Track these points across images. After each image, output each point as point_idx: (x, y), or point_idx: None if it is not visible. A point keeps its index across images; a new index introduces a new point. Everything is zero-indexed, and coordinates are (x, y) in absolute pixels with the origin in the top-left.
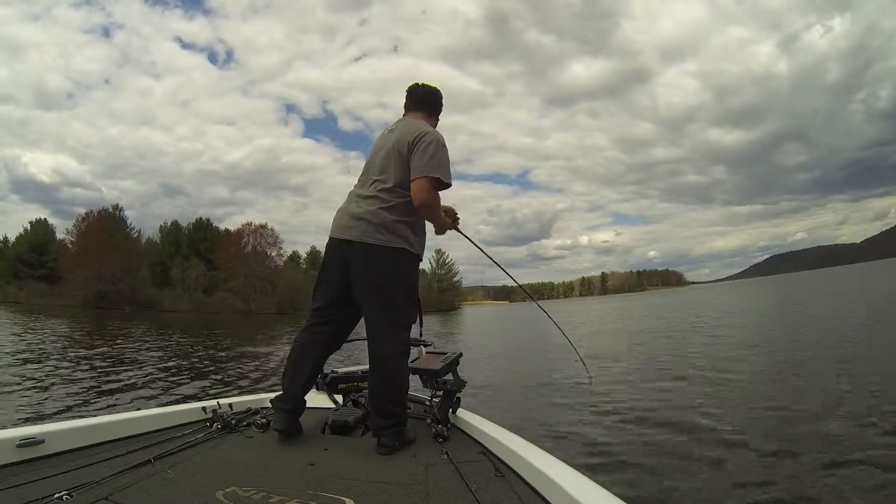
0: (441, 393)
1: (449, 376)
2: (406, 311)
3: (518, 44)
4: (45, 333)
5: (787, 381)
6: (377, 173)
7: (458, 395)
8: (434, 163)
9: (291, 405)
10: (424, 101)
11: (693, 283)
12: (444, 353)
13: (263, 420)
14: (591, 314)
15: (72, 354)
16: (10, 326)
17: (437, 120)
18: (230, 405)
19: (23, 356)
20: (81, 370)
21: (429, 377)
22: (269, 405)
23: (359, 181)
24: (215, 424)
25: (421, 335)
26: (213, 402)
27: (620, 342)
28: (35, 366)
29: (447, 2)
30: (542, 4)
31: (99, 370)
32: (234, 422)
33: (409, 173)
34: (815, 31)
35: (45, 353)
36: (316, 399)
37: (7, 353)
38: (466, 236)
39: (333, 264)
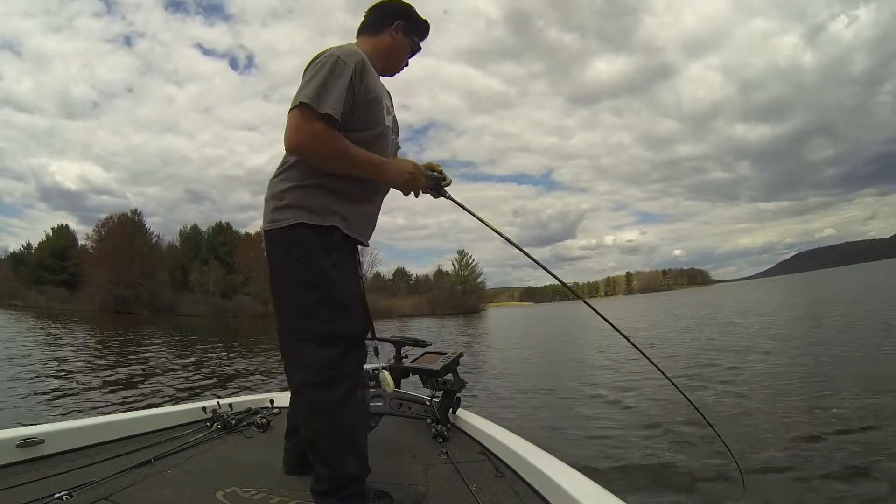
0: (441, 393)
1: (449, 376)
2: (316, 316)
3: (540, 43)
4: (59, 338)
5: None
6: None
7: (458, 395)
8: (308, 85)
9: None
10: (363, 23)
11: (719, 281)
12: (444, 353)
13: (263, 420)
14: (615, 313)
15: (80, 358)
16: (27, 331)
17: (394, 32)
18: (230, 405)
19: (29, 358)
20: (85, 372)
21: (429, 377)
22: (269, 405)
23: None
24: (215, 424)
25: (377, 351)
26: (213, 402)
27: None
28: (39, 367)
29: (469, 2)
30: (564, 2)
31: (103, 372)
32: (234, 422)
33: None
34: (840, 22)
35: (52, 356)
36: None
37: (13, 355)
38: (458, 202)
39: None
